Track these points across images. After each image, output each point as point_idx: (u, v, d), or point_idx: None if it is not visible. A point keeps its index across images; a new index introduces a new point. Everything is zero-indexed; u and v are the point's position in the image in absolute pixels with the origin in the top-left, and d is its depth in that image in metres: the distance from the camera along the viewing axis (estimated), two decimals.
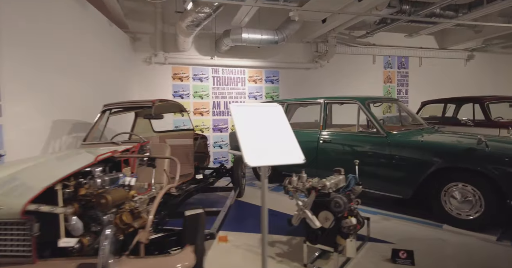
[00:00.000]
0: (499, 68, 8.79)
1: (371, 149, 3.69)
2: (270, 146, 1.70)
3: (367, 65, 7.80)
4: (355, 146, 3.87)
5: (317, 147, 4.20)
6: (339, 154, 4.01)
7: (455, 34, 7.92)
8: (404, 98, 8.11)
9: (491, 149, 2.90)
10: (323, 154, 4.14)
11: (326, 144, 4.11)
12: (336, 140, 4.05)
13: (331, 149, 4.08)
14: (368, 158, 3.73)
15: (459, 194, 3.07)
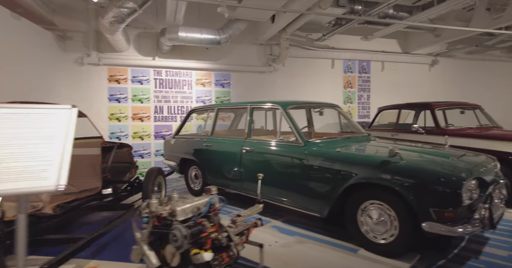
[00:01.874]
0: (463, 73, 8.56)
1: (290, 160, 3.25)
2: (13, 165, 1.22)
3: (326, 69, 7.45)
4: (275, 156, 3.42)
5: (241, 158, 3.73)
6: (261, 165, 3.55)
7: (417, 38, 7.65)
8: (365, 104, 7.76)
9: (405, 162, 2.48)
10: (247, 166, 3.68)
11: (249, 154, 3.65)
12: (258, 149, 3.59)
13: (254, 160, 3.62)
14: (286, 170, 3.28)
15: (376, 214, 2.63)
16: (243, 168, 3.69)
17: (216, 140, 4.17)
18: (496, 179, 2.80)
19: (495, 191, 2.89)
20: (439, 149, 3.21)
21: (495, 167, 2.89)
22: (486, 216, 2.28)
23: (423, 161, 2.60)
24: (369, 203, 2.66)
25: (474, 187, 2.29)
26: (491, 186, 2.63)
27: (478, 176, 2.39)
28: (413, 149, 3.12)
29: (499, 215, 2.65)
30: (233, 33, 5.75)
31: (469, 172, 2.34)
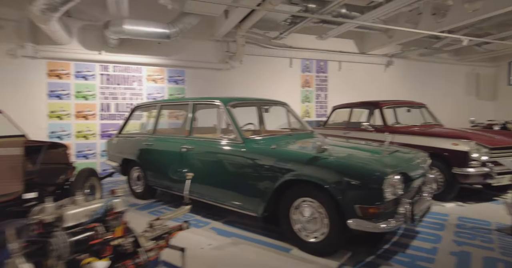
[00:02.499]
0: (415, 73, 8.96)
1: (228, 158, 3.12)
2: None
3: (284, 68, 7.44)
4: (215, 154, 3.28)
5: (181, 157, 3.55)
6: (201, 164, 3.39)
7: (372, 39, 7.88)
8: (323, 103, 7.86)
9: (331, 158, 2.44)
10: (187, 165, 3.50)
11: (189, 153, 3.48)
12: (198, 148, 3.43)
13: (194, 159, 3.45)
14: (225, 168, 3.15)
15: (308, 212, 2.58)
16: (183, 168, 3.51)
17: (157, 139, 3.95)
18: (424, 174, 2.87)
19: (424, 185, 2.97)
20: (373, 146, 3.24)
21: (424, 163, 2.95)
22: (409, 211, 2.29)
23: (350, 157, 2.58)
24: (302, 201, 2.60)
25: (397, 183, 2.29)
26: (417, 180, 2.68)
27: (403, 172, 2.40)
28: (346, 145, 3.13)
29: (425, 208, 2.71)
30: (184, 27, 5.54)
31: (393, 168, 2.34)
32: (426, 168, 2.97)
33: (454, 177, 3.85)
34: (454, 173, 3.81)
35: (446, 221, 3.34)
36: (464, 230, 3.07)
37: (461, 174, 3.76)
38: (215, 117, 4.97)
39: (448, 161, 3.89)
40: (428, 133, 4.33)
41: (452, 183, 3.90)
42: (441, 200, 4.03)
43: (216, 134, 3.35)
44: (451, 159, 3.86)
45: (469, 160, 3.72)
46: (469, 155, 3.70)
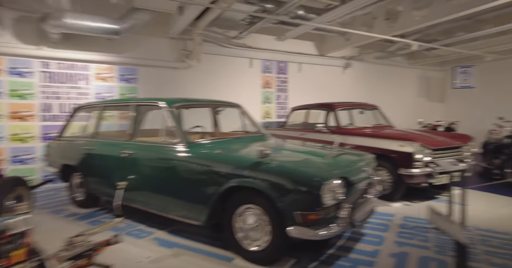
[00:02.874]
0: (372, 76, 9.29)
1: (171, 163, 2.93)
2: None
3: (244, 68, 7.33)
4: (156, 160, 3.08)
5: (122, 163, 3.30)
6: (144, 171, 3.17)
7: (331, 41, 8.02)
8: (283, 104, 7.87)
9: (272, 163, 2.37)
10: (128, 172, 3.25)
11: (130, 158, 3.24)
12: (140, 153, 3.21)
13: (135, 165, 3.21)
14: (167, 175, 2.97)
15: (250, 219, 2.48)
16: (124, 175, 3.26)
17: (98, 143, 3.65)
18: (369, 176, 2.90)
19: (369, 187, 3.01)
20: (319, 149, 3.23)
21: (369, 165, 2.99)
22: (348, 215, 2.28)
23: (291, 162, 2.53)
24: (245, 208, 2.50)
25: (338, 187, 2.27)
26: (361, 183, 2.69)
27: (344, 176, 2.39)
28: (291, 149, 3.09)
29: (369, 210, 2.73)
30: (135, 23, 5.22)
31: (333, 172, 2.32)
32: (371, 170, 3.01)
33: (400, 178, 3.98)
34: (400, 174, 3.94)
35: (391, 221, 3.43)
36: (406, 230, 3.16)
37: (406, 174, 3.89)
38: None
39: (395, 162, 4.02)
40: (377, 134, 4.45)
41: (399, 183, 4.04)
42: (389, 200, 4.16)
43: (160, 138, 3.15)
44: (398, 160, 3.99)
45: (413, 161, 3.86)
46: (413, 156, 3.84)
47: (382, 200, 4.20)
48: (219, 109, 4.22)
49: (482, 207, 3.92)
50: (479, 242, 2.83)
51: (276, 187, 2.26)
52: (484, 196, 4.41)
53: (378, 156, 4.23)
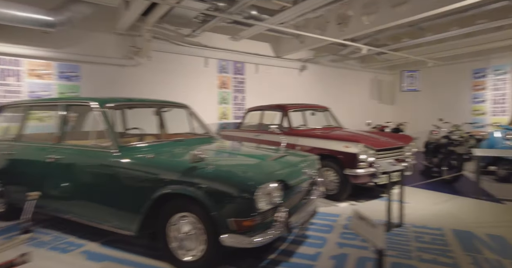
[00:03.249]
0: (327, 78, 9.56)
1: (101, 169, 2.68)
2: None
3: (199, 67, 7.12)
4: (86, 165, 2.80)
5: (48, 169, 2.96)
6: (71, 178, 2.86)
7: (287, 43, 8.09)
8: (241, 105, 7.78)
9: (206, 168, 2.24)
10: (56, 179, 2.93)
11: (57, 163, 2.91)
12: (68, 157, 2.90)
13: (63, 171, 2.90)
14: (96, 181, 2.71)
15: (185, 227, 2.33)
16: (49, 183, 2.93)
17: (21, 147, 3.26)
18: (311, 177, 2.89)
19: (312, 188, 3.00)
20: (264, 150, 3.17)
21: (312, 166, 2.98)
22: (284, 220, 2.22)
23: (227, 166, 2.41)
24: (181, 216, 2.34)
25: (274, 191, 2.20)
26: (302, 185, 2.66)
27: (282, 178, 2.33)
28: (232, 152, 2.98)
29: (310, 212, 2.71)
30: (73, 16, 4.80)
31: (269, 175, 2.25)
32: (314, 171, 3.00)
33: (346, 178, 4.07)
34: (345, 174, 4.03)
35: (335, 222, 3.47)
36: (349, 230, 3.20)
37: (351, 174, 3.98)
38: None
39: (341, 163, 4.10)
40: (325, 136, 4.51)
41: (345, 183, 4.12)
42: (336, 200, 4.23)
43: (90, 141, 2.87)
44: (344, 160, 4.07)
45: (358, 161, 3.96)
46: (358, 157, 3.94)
47: (329, 200, 4.28)
48: (165, 110, 4.00)
49: (419, 204, 4.13)
50: (413, 239, 2.95)
51: (209, 193, 2.13)
52: (423, 193, 4.67)
53: (326, 156, 4.32)
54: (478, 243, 2.84)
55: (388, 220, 3.18)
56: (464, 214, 3.71)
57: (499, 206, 4.00)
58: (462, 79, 9.38)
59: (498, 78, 8.64)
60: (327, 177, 4.36)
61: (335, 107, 9.67)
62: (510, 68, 8.38)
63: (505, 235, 3.03)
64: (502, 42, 7.61)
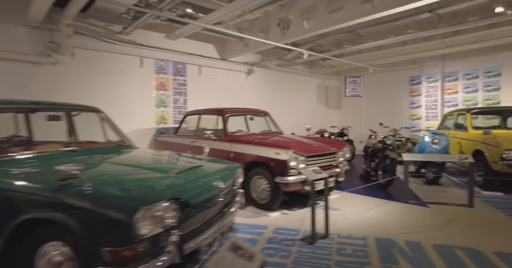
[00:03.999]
0: (275, 83, 9.50)
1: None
2: None
3: (134, 67, 6.57)
4: None
5: None
6: None
7: (232, 45, 7.86)
8: (182, 108, 7.34)
9: (77, 187, 1.85)
10: None
11: None
12: None
13: None
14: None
15: (58, 260, 1.89)
16: None
17: None
18: (223, 190, 2.60)
19: (232, 200, 2.73)
20: (173, 161, 2.84)
21: (230, 177, 2.70)
22: (177, 244, 1.89)
23: (109, 183, 2.00)
24: (50, 246, 1.90)
25: (166, 211, 1.87)
26: (209, 201, 2.36)
27: (178, 196, 2.00)
28: (133, 164, 2.58)
29: (222, 231, 2.43)
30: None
31: (159, 193, 1.91)
32: (233, 182, 2.74)
33: (277, 186, 3.87)
34: (276, 182, 3.83)
35: (262, 235, 3.23)
36: (272, 244, 2.98)
37: (282, 182, 3.79)
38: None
39: (273, 170, 3.90)
40: (257, 142, 4.28)
41: (276, 192, 3.92)
42: (268, 210, 4.02)
43: None
44: (275, 168, 3.87)
45: (288, 168, 3.79)
46: (288, 164, 3.77)
47: (261, 209, 4.05)
48: (74, 114, 3.49)
49: (352, 210, 4.08)
50: (335, 252, 2.80)
51: (79, 217, 1.74)
52: (357, 199, 4.66)
53: (259, 164, 4.10)
54: (397, 252, 2.77)
55: (312, 232, 3.01)
56: (391, 220, 3.70)
57: (424, 210, 4.08)
58: (401, 86, 9.91)
59: (430, 85, 9.24)
60: (259, 186, 4.14)
61: (283, 112, 9.70)
62: (440, 76, 9.01)
63: (423, 240, 3.01)
64: (433, 51, 8.14)
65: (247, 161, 4.19)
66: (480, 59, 8.26)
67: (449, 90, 8.92)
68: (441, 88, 9.02)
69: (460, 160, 4.28)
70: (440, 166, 5.60)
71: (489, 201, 4.45)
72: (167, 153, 3.39)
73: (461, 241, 3.00)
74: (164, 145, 6.14)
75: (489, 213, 3.91)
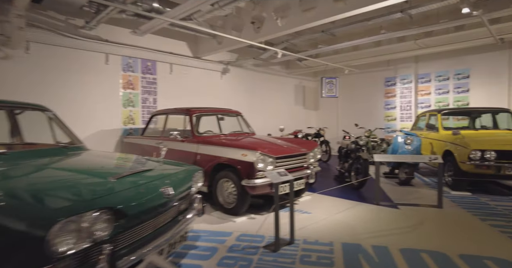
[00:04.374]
0: (252, 83, 9.32)
1: None
2: None
3: (98, 64, 6.18)
4: None
5: None
6: None
7: (205, 43, 7.61)
8: (152, 108, 7.01)
9: None
10: None
11: None
12: None
13: None
14: None
15: None
16: None
17: None
18: (172, 196, 2.37)
19: (189, 207, 2.51)
20: (123, 164, 2.57)
21: (185, 181, 2.47)
22: (108, 260, 1.65)
23: (28, 191, 1.71)
24: None
25: (95, 222, 1.62)
26: (155, 209, 2.12)
27: (111, 205, 1.75)
28: (70, 168, 2.30)
29: (172, 241, 2.19)
30: None
31: (88, 203, 1.66)
32: (189, 187, 2.51)
33: (244, 189, 3.67)
34: (243, 185, 3.63)
35: (223, 242, 3.01)
36: (233, 253, 2.77)
37: (249, 185, 3.60)
38: None
39: (239, 173, 3.69)
40: (224, 143, 4.06)
41: (243, 195, 3.72)
42: (235, 215, 3.81)
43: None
44: (241, 170, 3.67)
45: (256, 170, 3.60)
46: (255, 166, 3.57)
47: (228, 214, 3.84)
48: (17, 112, 3.14)
49: (322, 213, 3.94)
50: (299, 260, 2.63)
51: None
52: (329, 201, 4.53)
53: (226, 166, 3.89)
54: (362, 258, 2.64)
55: (276, 238, 2.83)
56: (360, 223, 3.59)
57: (395, 212, 4.00)
58: (376, 87, 10.00)
59: (404, 87, 9.37)
60: (226, 189, 3.92)
61: (260, 113, 9.53)
62: (413, 78, 9.15)
63: (391, 245, 2.90)
64: (406, 53, 8.24)
65: (214, 163, 3.97)
66: (450, 61, 8.44)
67: (422, 91, 9.07)
68: (414, 89, 9.15)
69: (429, 160, 4.25)
70: (412, 167, 5.60)
71: (458, 201, 4.45)
72: (118, 156, 3.11)
73: (428, 244, 2.92)
74: (131, 147, 5.81)
75: (457, 213, 3.88)
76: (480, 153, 4.55)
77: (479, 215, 3.79)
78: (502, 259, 2.60)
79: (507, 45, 7.42)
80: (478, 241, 2.98)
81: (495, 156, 4.48)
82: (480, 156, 4.54)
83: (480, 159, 4.54)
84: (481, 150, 4.55)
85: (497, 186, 5.41)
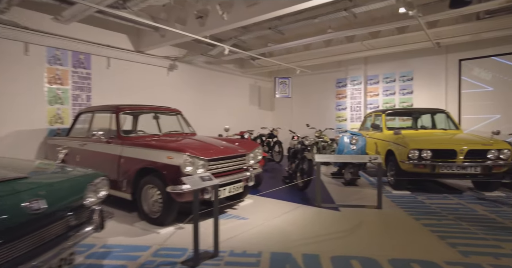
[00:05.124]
0: (203, 81, 8.89)
1: None
2: None
3: (15, 55, 5.37)
4: None
5: None
6: None
7: (148, 36, 7.04)
8: (84, 106, 6.29)
9: None
10: None
11: None
12: None
13: None
14: None
15: None
16: None
17: None
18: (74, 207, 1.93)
19: (86, 221, 2.06)
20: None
21: (71, 192, 2.03)
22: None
23: None
24: None
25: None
26: (24, 226, 1.66)
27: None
28: None
29: (60, 258, 1.74)
30: None
31: None
32: (80, 198, 2.07)
33: (170, 197, 3.27)
34: (168, 192, 3.23)
35: (136, 259, 2.59)
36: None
37: (175, 192, 3.20)
38: None
39: (165, 178, 3.28)
40: (149, 144, 3.61)
41: (169, 203, 3.31)
42: (160, 225, 3.38)
43: None
44: (167, 175, 3.27)
45: (183, 175, 3.21)
46: (181, 170, 3.19)
47: (153, 225, 3.41)
48: None
49: (259, 219, 3.67)
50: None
51: None
52: (270, 204, 4.29)
53: (152, 171, 3.46)
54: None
55: (195, 252, 2.48)
56: (297, 228, 3.36)
57: (334, 215, 3.86)
58: (328, 88, 10.09)
59: (355, 88, 9.54)
60: (151, 197, 3.49)
61: (212, 112, 9.12)
62: (363, 79, 9.35)
63: (322, 252, 2.69)
64: (355, 54, 8.36)
65: (138, 168, 3.51)
66: (396, 64, 8.74)
67: (371, 93, 9.30)
68: (364, 90, 9.36)
69: (369, 161, 4.18)
70: (357, 167, 5.58)
71: (397, 201, 4.45)
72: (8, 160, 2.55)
73: (360, 250, 2.75)
74: (55, 149, 5.10)
75: (394, 214, 3.83)
76: (418, 152, 4.60)
77: (414, 215, 3.77)
78: (428, 261, 2.50)
79: (444, 50, 7.82)
80: (409, 243, 2.89)
81: (431, 155, 4.55)
82: (418, 155, 4.60)
83: (418, 158, 4.59)
84: (419, 149, 4.60)
85: (435, 185, 5.57)
